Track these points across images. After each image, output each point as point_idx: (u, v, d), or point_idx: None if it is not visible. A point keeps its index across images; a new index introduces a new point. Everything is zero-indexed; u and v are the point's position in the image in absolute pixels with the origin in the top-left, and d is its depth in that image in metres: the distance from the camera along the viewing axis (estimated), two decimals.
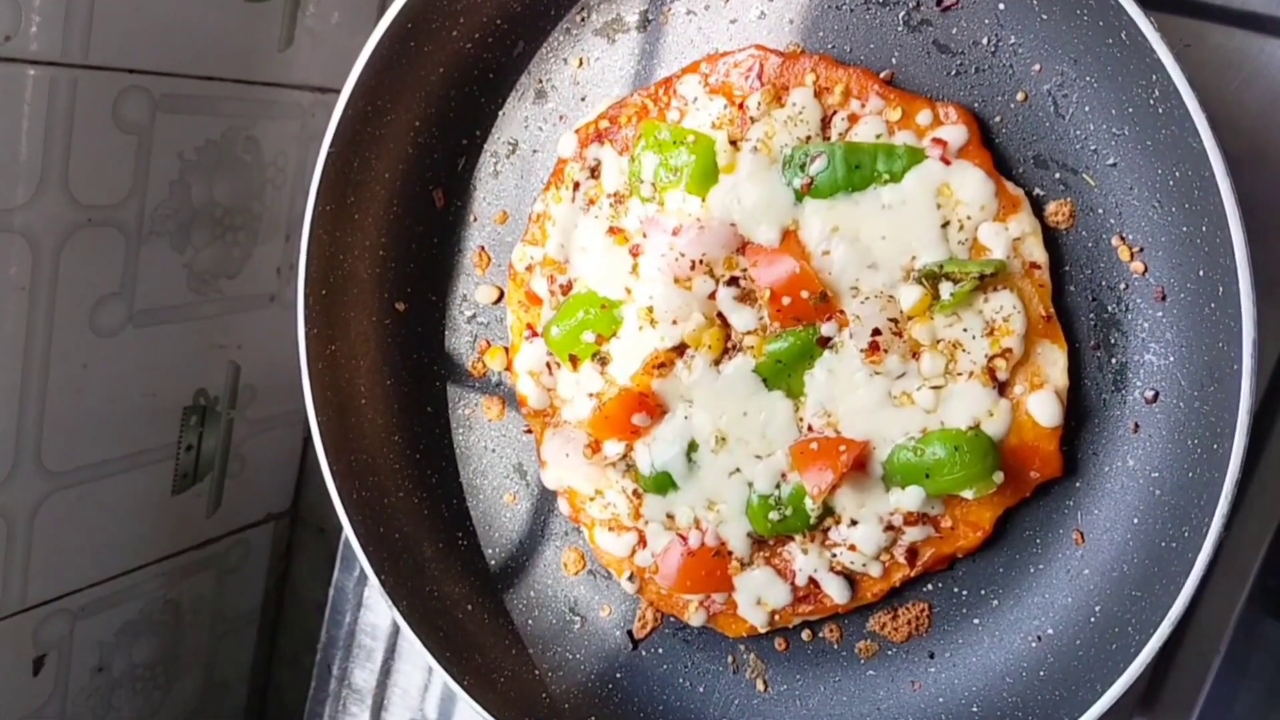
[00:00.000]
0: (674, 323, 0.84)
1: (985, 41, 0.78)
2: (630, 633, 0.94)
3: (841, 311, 0.81)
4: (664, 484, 0.87)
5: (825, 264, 0.81)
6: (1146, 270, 0.76)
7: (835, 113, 0.81)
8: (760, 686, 0.89)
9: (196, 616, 1.50)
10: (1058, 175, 0.78)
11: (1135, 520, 0.77)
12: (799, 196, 0.81)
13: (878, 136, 0.80)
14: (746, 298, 0.83)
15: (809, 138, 0.81)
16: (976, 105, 0.79)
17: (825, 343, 0.81)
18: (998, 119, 0.79)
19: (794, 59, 0.82)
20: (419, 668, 1.13)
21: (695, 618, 0.89)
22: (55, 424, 1.18)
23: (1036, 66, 0.77)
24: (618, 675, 0.93)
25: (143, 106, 1.15)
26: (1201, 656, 0.89)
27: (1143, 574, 0.75)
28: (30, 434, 1.15)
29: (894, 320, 0.80)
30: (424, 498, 0.98)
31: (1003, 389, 0.79)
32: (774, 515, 0.83)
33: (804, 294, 0.80)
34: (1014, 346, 0.78)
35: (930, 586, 0.85)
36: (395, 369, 0.98)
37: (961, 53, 0.79)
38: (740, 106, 0.83)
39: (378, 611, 1.14)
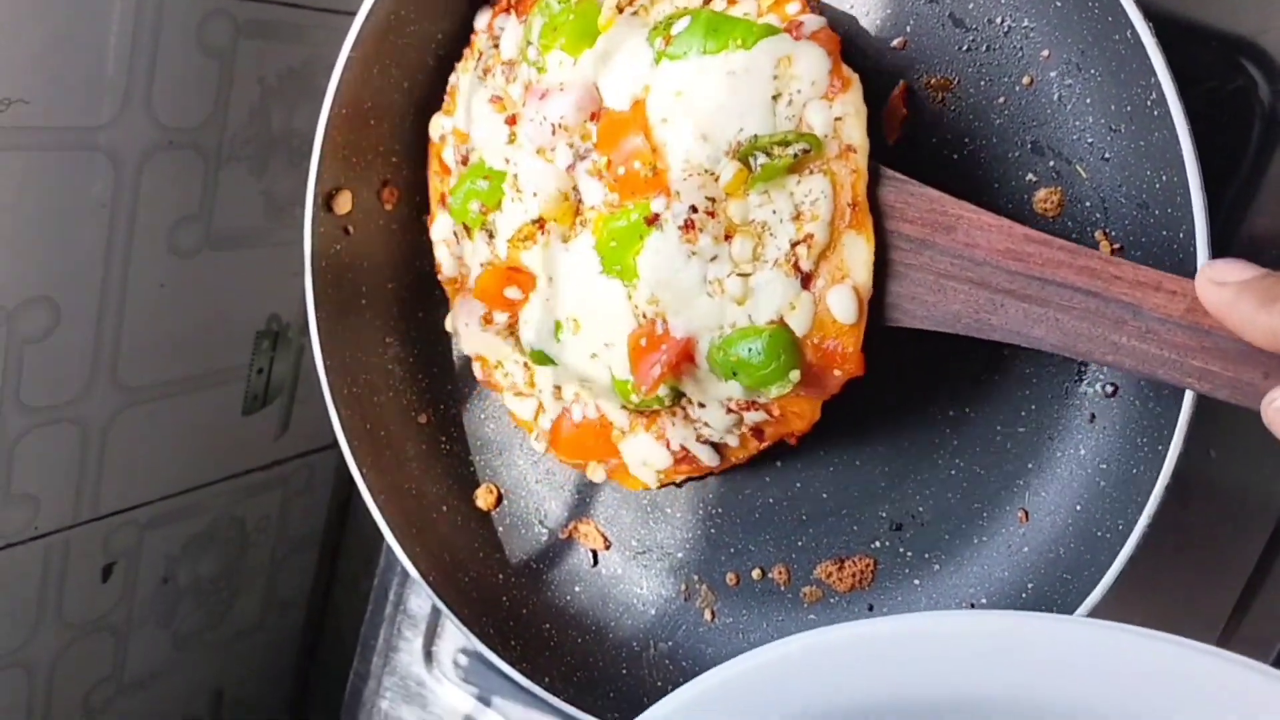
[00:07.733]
0: (534, 194, 0.80)
1: (1000, 20, 0.77)
2: (594, 553, 0.97)
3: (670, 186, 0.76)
4: (544, 359, 0.85)
5: (664, 134, 0.76)
6: None
7: None
8: (708, 616, 0.92)
9: (261, 535, 1.52)
10: (1052, 163, 0.77)
11: (1078, 507, 0.79)
12: (657, 59, 0.77)
13: (745, 15, 0.77)
14: (599, 170, 0.78)
15: (687, 9, 0.79)
16: (983, 83, 0.78)
17: (654, 220, 0.76)
18: (1002, 99, 0.78)
19: None
20: None
21: (596, 474, 0.90)
22: (131, 341, 1.19)
23: (1045, 52, 0.76)
24: (576, 589, 0.97)
25: (226, 31, 1.14)
26: None
27: (1076, 559, 0.77)
28: (107, 349, 1.17)
29: (712, 199, 0.74)
30: (412, 400, 1.01)
31: (807, 281, 0.74)
32: (635, 397, 0.80)
33: (636, 164, 0.76)
34: (816, 233, 0.72)
35: (878, 544, 0.87)
36: (397, 271, 1.00)
37: (976, 29, 0.78)
38: None
39: None
